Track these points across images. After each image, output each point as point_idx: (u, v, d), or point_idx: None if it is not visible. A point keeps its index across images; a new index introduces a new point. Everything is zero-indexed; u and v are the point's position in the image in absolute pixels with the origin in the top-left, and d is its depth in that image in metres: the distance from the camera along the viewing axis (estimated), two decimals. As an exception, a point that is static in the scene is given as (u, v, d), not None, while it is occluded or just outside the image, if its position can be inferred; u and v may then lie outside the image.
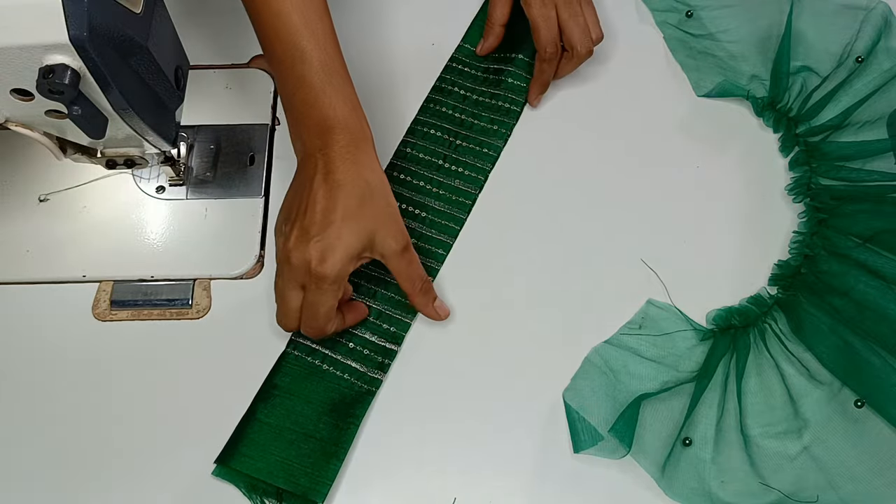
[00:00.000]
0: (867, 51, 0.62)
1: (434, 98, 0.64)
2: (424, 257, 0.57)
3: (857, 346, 0.52)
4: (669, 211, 0.60)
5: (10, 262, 0.57)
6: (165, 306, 0.56)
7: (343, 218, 0.49)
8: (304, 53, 0.51)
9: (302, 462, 0.50)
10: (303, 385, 0.53)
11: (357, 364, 0.54)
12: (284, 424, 0.52)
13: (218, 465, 0.51)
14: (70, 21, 0.39)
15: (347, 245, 0.49)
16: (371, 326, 0.55)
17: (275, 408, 0.52)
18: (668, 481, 0.50)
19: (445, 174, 0.60)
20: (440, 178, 0.60)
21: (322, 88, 0.51)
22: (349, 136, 0.51)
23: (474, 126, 0.62)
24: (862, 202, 0.58)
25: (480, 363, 0.54)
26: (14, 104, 0.45)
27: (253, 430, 0.51)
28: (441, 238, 0.58)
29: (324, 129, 0.51)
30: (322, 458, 0.51)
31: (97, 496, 0.51)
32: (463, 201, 0.60)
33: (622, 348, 0.54)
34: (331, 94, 0.51)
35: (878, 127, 0.60)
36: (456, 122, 0.62)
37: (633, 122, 0.63)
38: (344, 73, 0.53)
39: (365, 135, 0.52)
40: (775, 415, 0.52)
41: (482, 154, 0.61)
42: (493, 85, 0.64)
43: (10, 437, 0.52)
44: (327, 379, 0.53)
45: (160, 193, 0.59)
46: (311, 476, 0.50)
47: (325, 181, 0.50)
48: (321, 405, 0.52)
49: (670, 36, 0.66)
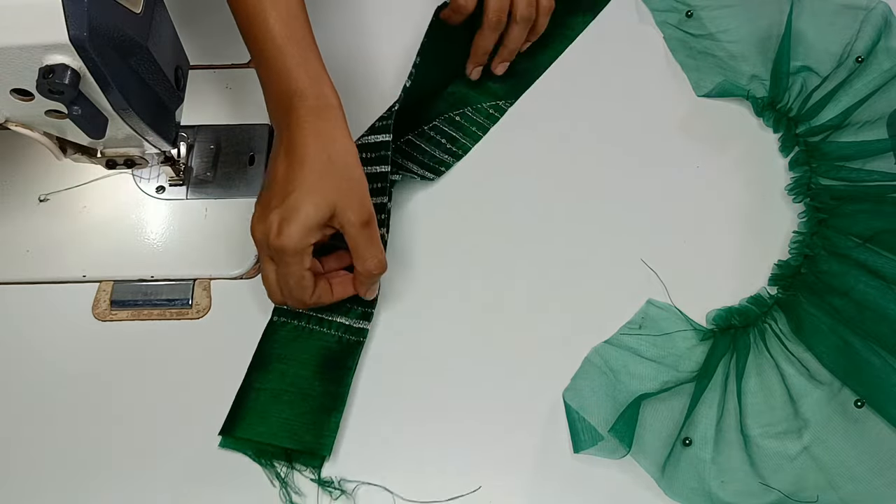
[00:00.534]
0: (867, 51, 0.62)
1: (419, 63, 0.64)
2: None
3: (857, 346, 0.52)
4: (669, 211, 0.60)
5: (10, 262, 0.57)
6: (165, 306, 0.56)
7: (301, 190, 0.49)
8: (267, 26, 0.51)
9: (303, 420, 0.52)
10: (292, 347, 0.54)
11: (342, 318, 0.55)
12: (281, 387, 0.53)
13: (223, 436, 0.51)
14: (70, 21, 0.39)
15: (305, 216, 0.48)
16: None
17: (269, 373, 0.53)
18: (668, 481, 0.50)
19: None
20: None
21: (282, 60, 0.51)
22: (309, 107, 0.50)
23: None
24: (862, 202, 0.58)
25: (480, 363, 0.54)
26: (14, 104, 0.45)
27: (251, 398, 0.52)
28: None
29: (286, 102, 0.51)
30: (323, 414, 0.52)
31: (97, 496, 0.50)
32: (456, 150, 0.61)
33: (622, 348, 0.54)
34: (291, 66, 0.51)
35: (878, 127, 0.60)
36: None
37: (633, 122, 0.63)
38: (306, 43, 0.52)
39: (328, 103, 0.51)
40: (775, 415, 0.52)
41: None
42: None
43: (10, 437, 0.52)
44: (315, 338, 0.54)
45: (160, 193, 0.59)
46: (315, 432, 0.51)
47: (286, 156, 0.50)
48: (313, 364, 0.54)
49: (670, 36, 0.66)
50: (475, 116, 0.63)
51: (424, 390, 0.54)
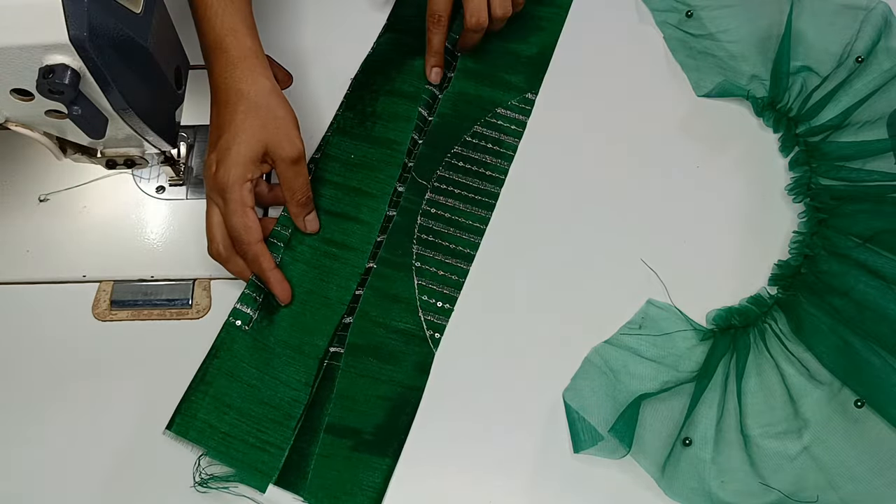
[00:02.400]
0: (867, 51, 0.62)
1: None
2: (452, 257, 0.57)
3: (857, 346, 0.52)
4: (669, 211, 0.60)
5: (10, 262, 0.57)
6: (165, 306, 0.56)
7: (230, 131, 0.52)
8: None
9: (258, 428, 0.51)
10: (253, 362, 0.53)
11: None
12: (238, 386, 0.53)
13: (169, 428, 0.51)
14: (70, 21, 0.39)
15: (237, 153, 0.52)
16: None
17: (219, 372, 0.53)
18: (668, 481, 0.50)
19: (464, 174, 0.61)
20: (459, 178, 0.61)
21: (205, 12, 0.54)
22: (227, 56, 0.53)
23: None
24: (862, 202, 0.58)
25: (480, 363, 0.54)
26: (14, 104, 0.45)
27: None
28: (469, 238, 0.58)
29: (207, 50, 0.54)
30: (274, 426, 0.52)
31: (96, 496, 0.50)
32: (487, 201, 0.60)
33: (622, 348, 0.54)
34: (215, 15, 0.54)
35: (878, 127, 0.60)
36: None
37: (633, 122, 0.63)
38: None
39: (248, 51, 0.54)
40: (775, 415, 0.52)
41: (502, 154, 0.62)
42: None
43: (10, 437, 0.52)
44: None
45: (160, 193, 0.59)
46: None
47: (215, 104, 0.54)
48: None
49: (670, 36, 0.66)
50: (510, 113, 0.63)
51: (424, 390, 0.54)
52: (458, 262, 0.57)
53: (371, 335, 0.54)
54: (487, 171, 0.61)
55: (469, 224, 0.59)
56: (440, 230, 0.58)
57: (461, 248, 0.58)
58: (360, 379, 0.53)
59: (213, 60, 0.54)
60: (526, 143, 0.62)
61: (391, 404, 0.52)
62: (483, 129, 0.62)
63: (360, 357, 0.53)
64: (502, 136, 0.62)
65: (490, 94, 0.63)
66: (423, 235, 0.58)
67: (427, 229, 0.58)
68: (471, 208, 0.59)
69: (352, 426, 0.52)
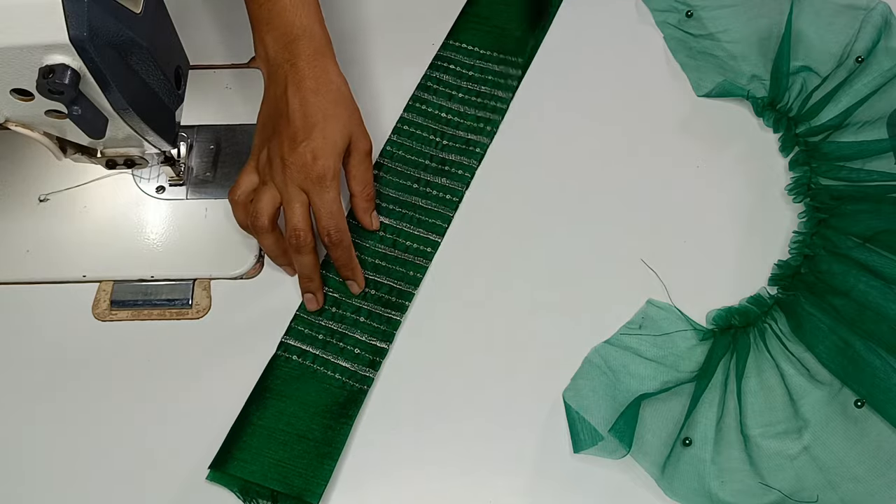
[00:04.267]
0: (867, 51, 0.62)
1: (419, 97, 0.64)
2: (414, 256, 0.57)
3: (857, 346, 0.52)
4: (669, 211, 0.60)
5: (10, 262, 0.57)
6: (165, 306, 0.56)
7: (324, 119, 0.51)
8: None
9: (295, 463, 0.50)
10: (294, 386, 0.53)
11: (348, 363, 0.54)
12: (277, 426, 0.52)
13: (212, 470, 0.51)
14: (70, 21, 0.39)
15: (333, 143, 0.51)
16: (361, 325, 0.55)
17: (267, 410, 0.52)
18: (668, 481, 0.50)
19: (433, 173, 0.60)
20: (427, 176, 0.60)
21: (284, 6, 0.53)
22: (314, 45, 0.53)
23: (461, 125, 0.62)
24: (862, 202, 0.58)
25: (480, 363, 0.54)
26: (14, 104, 0.45)
27: (246, 433, 0.51)
28: (430, 237, 0.58)
29: (290, 38, 0.53)
30: (316, 459, 0.50)
31: (95, 496, 0.50)
32: (451, 199, 0.60)
33: (622, 348, 0.54)
34: (296, 4, 0.53)
35: (878, 127, 0.60)
36: (442, 120, 0.63)
37: (633, 122, 0.63)
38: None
39: (329, 43, 0.54)
40: (775, 415, 0.52)
41: (469, 152, 0.61)
42: (479, 82, 0.64)
43: (10, 437, 0.52)
44: (318, 379, 0.53)
45: (160, 193, 0.59)
46: (305, 477, 0.50)
47: (298, 90, 0.52)
48: (314, 406, 0.52)
49: (670, 36, 0.66)
50: (497, 79, 0.64)
51: (424, 390, 0.54)
52: (420, 261, 0.57)
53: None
54: (455, 169, 0.61)
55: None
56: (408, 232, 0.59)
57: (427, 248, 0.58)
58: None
59: (299, 49, 0.52)
60: (526, 143, 0.62)
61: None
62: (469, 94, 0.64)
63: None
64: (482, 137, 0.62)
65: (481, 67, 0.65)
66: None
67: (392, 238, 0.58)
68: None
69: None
